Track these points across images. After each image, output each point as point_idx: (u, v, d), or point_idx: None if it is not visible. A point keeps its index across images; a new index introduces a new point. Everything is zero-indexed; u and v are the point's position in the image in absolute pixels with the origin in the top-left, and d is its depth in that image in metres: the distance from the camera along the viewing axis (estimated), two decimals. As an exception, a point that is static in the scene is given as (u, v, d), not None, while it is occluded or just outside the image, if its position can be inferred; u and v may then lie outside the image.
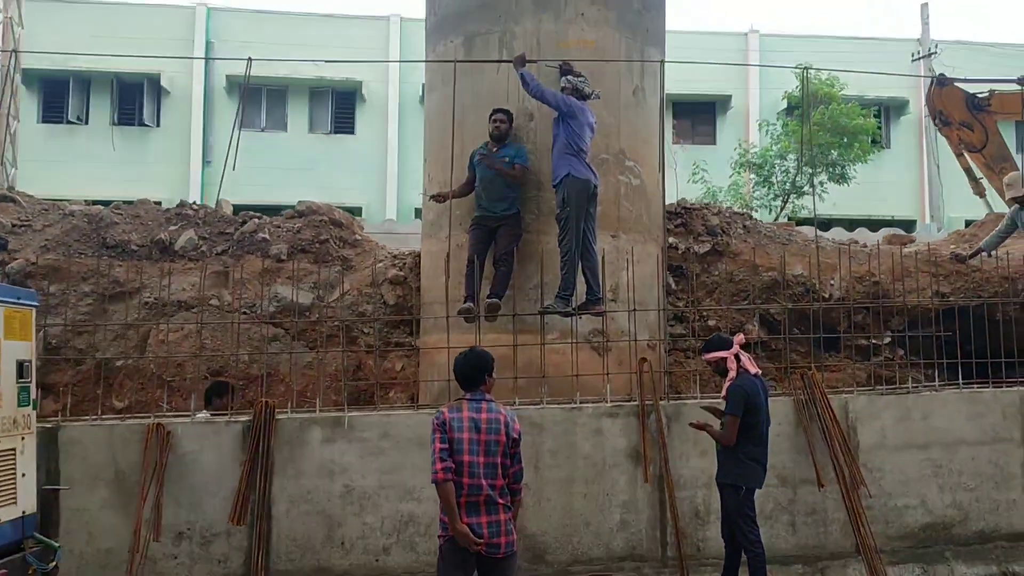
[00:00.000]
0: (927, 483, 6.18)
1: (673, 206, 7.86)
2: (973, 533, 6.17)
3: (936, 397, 6.30)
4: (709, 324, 7.48)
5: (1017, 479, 6.24)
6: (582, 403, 6.13)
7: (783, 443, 6.11)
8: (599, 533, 5.95)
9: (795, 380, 6.24)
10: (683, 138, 25.41)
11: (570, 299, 6.32)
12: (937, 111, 12.83)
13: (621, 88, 7.09)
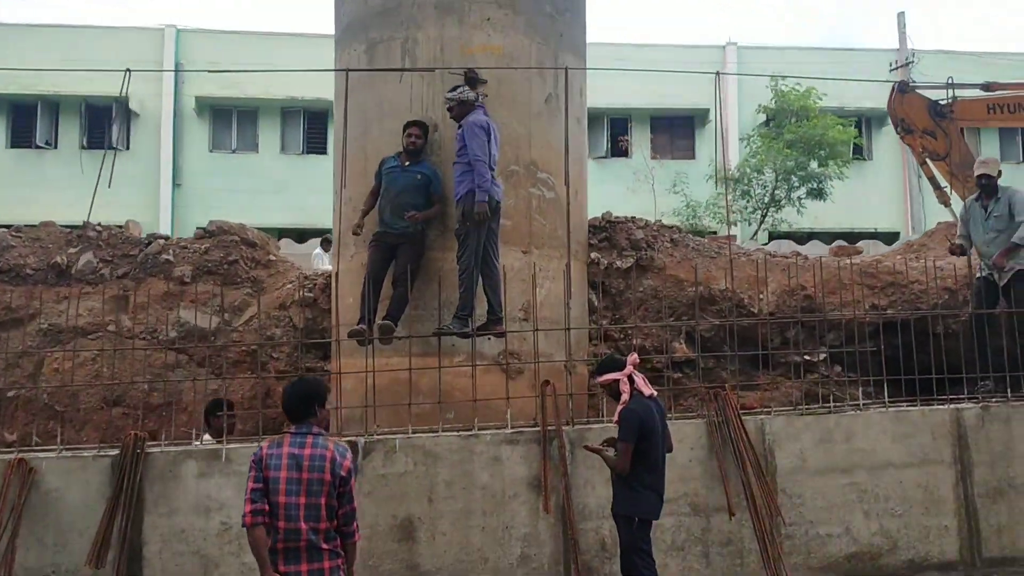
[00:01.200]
0: (851, 509, 5.78)
1: (597, 220, 7.51)
2: (902, 563, 5.76)
3: (860, 417, 5.92)
4: (633, 343, 7.11)
5: (948, 504, 5.84)
6: (481, 430, 5.76)
7: (696, 469, 5.73)
8: (498, 569, 5.56)
9: (708, 401, 5.86)
10: (661, 153, 25.14)
11: (467, 319, 5.97)
12: (899, 119, 12.48)
13: (532, 96, 6.77)
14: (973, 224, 7.08)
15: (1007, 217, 7.03)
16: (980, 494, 5.85)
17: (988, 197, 7.09)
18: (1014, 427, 5.94)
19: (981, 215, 7.05)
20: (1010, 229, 6.87)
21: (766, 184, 21.89)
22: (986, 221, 7.01)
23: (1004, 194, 7.11)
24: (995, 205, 7.05)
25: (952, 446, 5.89)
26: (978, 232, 7.02)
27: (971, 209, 7.16)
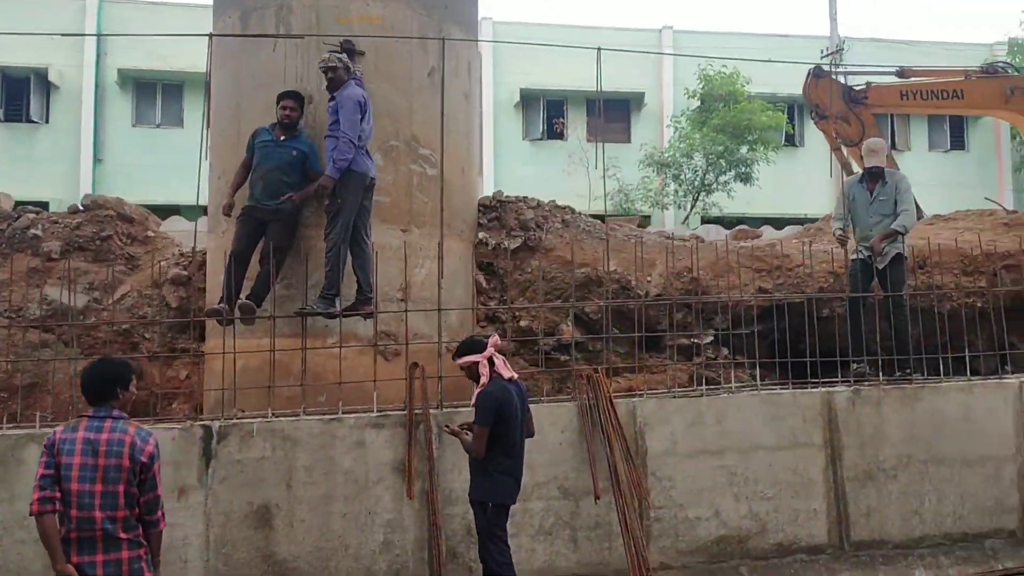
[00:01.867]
0: (721, 492, 5.74)
1: (488, 199, 7.35)
2: (771, 546, 5.74)
3: (731, 400, 5.87)
4: (521, 325, 6.99)
5: (818, 486, 5.83)
6: (347, 413, 5.58)
7: (566, 452, 5.63)
8: (359, 556, 5.40)
9: (580, 383, 5.76)
10: (597, 135, 25.03)
11: (334, 299, 5.77)
12: (814, 104, 12.54)
13: (414, 69, 6.55)
14: (857, 206, 7.05)
15: (892, 202, 7.04)
16: (850, 477, 5.86)
17: (874, 181, 7.08)
18: (885, 410, 5.95)
19: (866, 198, 7.03)
20: (895, 214, 6.90)
21: (696, 169, 21.99)
22: (871, 205, 7.00)
23: (891, 178, 7.11)
24: (881, 189, 7.04)
25: (823, 429, 5.89)
26: (862, 215, 7.00)
27: (854, 190, 7.13)
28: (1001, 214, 8.88)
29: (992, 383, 6.11)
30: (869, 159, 7.01)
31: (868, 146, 7.12)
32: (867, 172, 7.12)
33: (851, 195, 7.11)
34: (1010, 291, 7.05)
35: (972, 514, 5.91)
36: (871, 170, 7.06)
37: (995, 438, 5.99)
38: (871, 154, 7.03)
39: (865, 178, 7.15)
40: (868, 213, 6.97)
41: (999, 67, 13.07)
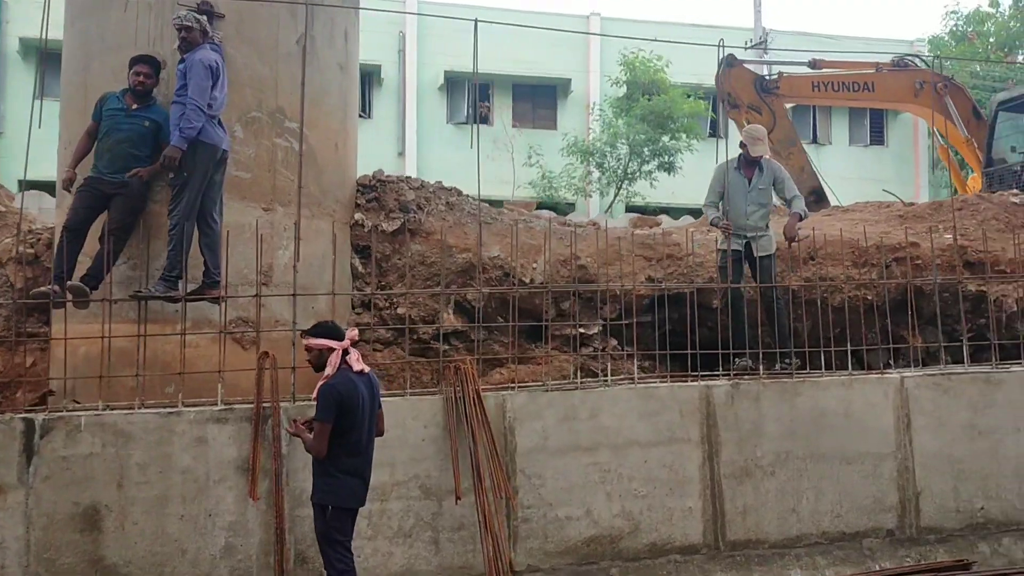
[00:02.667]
0: (593, 490, 5.46)
1: (367, 178, 6.92)
2: (644, 546, 5.50)
3: (606, 393, 5.60)
4: (399, 312, 6.60)
5: (694, 484, 5.60)
6: (189, 406, 5.13)
7: (429, 448, 5.28)
8: (198, 561, 4.96)
9: (448, 375, 5.41)
10: (522, 121, 24.72)
11: (176, 281, 5.29)
12: (726, 93, 12.42)
13: (281, 36, 6.07)
14: (733, 194, 6.83)
15: (770, 191, 6.86)
16: (727, 474, 5.65)
17: (750, 168, 6.88)
18: (764, 405, 5.75)
19: (743, 185, 6.83)
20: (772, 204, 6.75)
21: (620, 157, 21.84)
22: (748, 193, 6.80)
23: (768, 166, 6.93)
24: (759, 177, 6.85)
25: (700, 424, 5.66)
26: (738, 203, 6.78)
27: (729, 176, 6.90)
28: (898, 207, 8.83)
29: (873, 378, 5.97)
30: (754, 147, 6.78)
31: (751, 133, 6.89)
32: (744, 159, 6.89)
33: (726, 180, 6.87)
34: (899, 283, 6.93)
35: (850, 513, 5.76)
36: (750, 157, 6.84)
37: (875, 434, 5.85)
38: (755, 142, 6.81)
39: (741, 165, 6.92)
40: (746, 201, 6.76)
41: (909, 61, 13.15)
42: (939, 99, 13.00)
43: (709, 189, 7.05)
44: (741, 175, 6.85)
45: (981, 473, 5.93)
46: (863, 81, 12.78)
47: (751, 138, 6.79)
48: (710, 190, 7.02)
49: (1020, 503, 5.97)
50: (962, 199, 8.49)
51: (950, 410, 5.96)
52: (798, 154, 12.54)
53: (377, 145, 23.46)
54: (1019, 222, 8.07)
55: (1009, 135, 13.07)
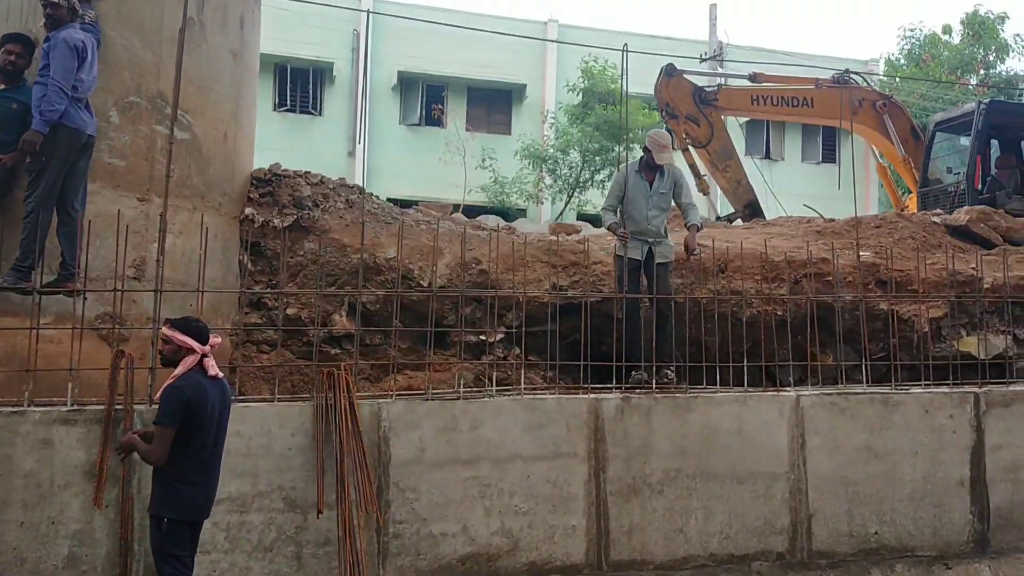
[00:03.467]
0: (471, 506, 5.22)
1: (263, 172, 6.62)
2: (523, 565, 5.26)
3: (489, 404, 5.36)
4: (288, 313, 6.31)
5: (579, 500, 5.38)
6: (38, 406, 4.80)
7: (296, 458, 4.99)
8: (38, 571, 4.64)
9: (322, 381, 5.14)
10: (477, 125, 24.50)
11: (29, 271, 4.96)
12: (664, 103, 12.30)
13: (166, 18, 5.76)
14: (634, 197, 6.64)
15: (671, 196, 6.69)
16: (613, 492, 5.44)
17: (652, 172, 6.71)
18: (655, 421, 5.56)
19: (644, 189, 6.64)
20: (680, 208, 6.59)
21: (572, 165, 21.71)
22: (650, 197, 6.62)
23: (669, 171, 6.76)
24: (660, 181, 6.67)
25: (588, 439, 5.44)
26: (639, 207, 6.60)
27: (631, 179, 6.72)
28: (818, 222, 8.73)
29: (768, 395, 5.80)
30: (659, 155, 6.59)
31: (656, 140, 6.71)
32: (646, 163, 6.70)
33: (627, 183, 6.68)
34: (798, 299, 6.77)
35: (740, 534, 5.58)
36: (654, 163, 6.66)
37: (768, 454, 5.68)
38: (661, 149, 6.61)
39: (643, 168, 6.74)
40: (647, 206, 6.57)
41: (849, 78, 13.12)
42: (878, 117, 13.03)
43: (609, 193, 6.85)
44: (643, 179, 6.67)
45: (876, 497, 5.79)
46: (802, 96, 12.72)
47: (656, 145, 6.60)
48: (610, 194, 6.83)
49: (915, 528, 5.84)
50: (880, 216, 8.41)
51: (846, 431, 5.81)
52: (735, 167, 12.46)
53: (327, 144, 23.11)
54: (936, 241, 8.01)
55: (945, 156, 13.12)
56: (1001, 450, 6.01)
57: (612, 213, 6.63)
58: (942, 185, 12.75)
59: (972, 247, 8.24)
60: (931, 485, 5.89)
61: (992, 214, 8.57)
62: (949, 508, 5.90)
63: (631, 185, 6.56)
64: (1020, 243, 8.37)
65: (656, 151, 6.54)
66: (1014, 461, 6.02)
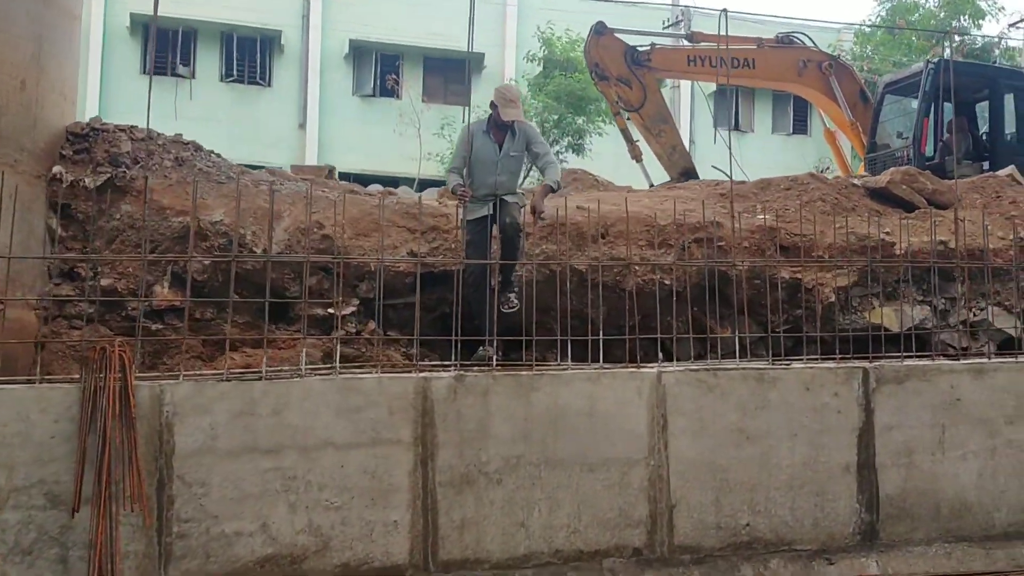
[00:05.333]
0: (273, 501, 4.58)
1: (80, 126, 5.93)
2: (334, 567, 4.63)
3: (296, 385, 4.71)
4: (103, 284, 5.64)
5: (402, 493, 4.75)
6: None
7: (60, 448, 4.35)
8: None
9: (92, 358, 4.48)
10: (434, 96, 23.70)
11: None
12: (593, 63, 11.60)
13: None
14: (482, 158, 5.99)
15: (523, 157, 6.05)
16: (443, 482, 4.80)
17: (502, 131, 6.05)
18: (493, 402, 4.91)
19: (493, 150, 5.99)
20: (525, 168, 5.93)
21: (530, 135, 20.95)
22: (499, 160, 5.97)
23: (521, 129, 6.10)
24: (511, 142, 6.02)
25: (414, 423, 4.80)
26: (487, 168, 5.95)
27: (478, 140, 6.07)
28: (726, 185, 8.06)
29: (625, 372, 5.15)
30: (505, 110, 5.93)
31: (504, 94, 6.05)
32: (494, 122, 6.05)
33: (473, 145, 6.03)
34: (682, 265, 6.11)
35: (591, 527, 4.96)
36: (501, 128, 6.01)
37: (625, 437, 5.04)
38: (507, 104, 5.96)
39: (491, 128, 6.09)
40: (496, 170, 5.93)
41: (794, 39, 12.41)
42: (824, 79, 12.32)
43: (454, 154, 6.18)
44: (491, 139, 6.01)
45: (748, 484, 5.17)
46: (743, 57, 12.00)
47: (503, 99, 5.94)
48: (454, 155, 6.17)
49: (793, 519, 5.22)
50: (791, 178, 7.74)
51: (715, 411, 5.17)
52: (670, 132, 11.77)
53: (277, 116, 22.29)
54: (851, 205, 7.35)
55: (895, 119, 12.44)
56: (893, 431, 5.38)
57: (457, 175, 5.98)
58: (890, 150, 12.09)
59: (893, 210, 7.59)
60: (812, 471, 5.26)
61: (917, 175, 7.90)
62: (833, 496, 5.27)
63: (478, 146, 5.92)
64: (946, 206, 7.71)
65: (502, 105, 5.88)
66: (907, 444, 5.39)
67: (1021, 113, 11.86)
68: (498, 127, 6.00)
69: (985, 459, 5.50)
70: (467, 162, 5.90)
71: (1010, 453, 5.54)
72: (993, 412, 5.53)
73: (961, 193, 7.84)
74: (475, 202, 5.84)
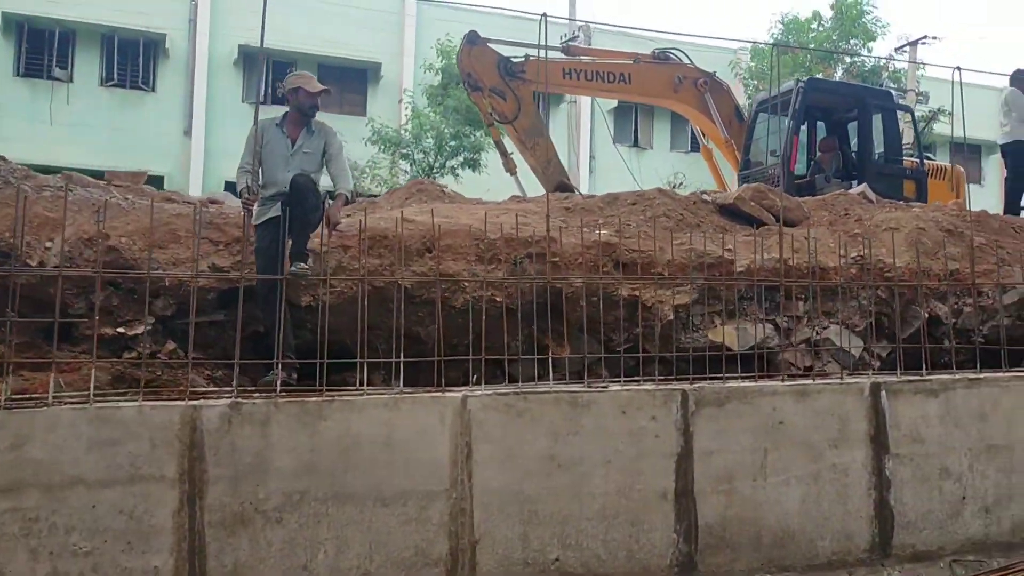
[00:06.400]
0: (10, 547, 4.03)
1: None
2: (80, 620, 4.11)
3: (39, 416, 4.18)
4: None
5: (165, 535, 4.25)
6: None
7: None
8: None
9: None
10: (328, 106, 23.04)
11: None
12: (466, 73, 11.32)
13: None
14: (272, 155, 5.63)
15: (320, 157, 5.71)
16: (214, 522, 4.34)
17: (297, 127, 5.70)
18: (275, 431, 4.48)
19: (285, 147, 5.64)
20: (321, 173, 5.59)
21: (427, 150, 20.59)
22: (291, 156, 5.61)
23: (320, 129, 5.78)
24: (307, 139, 5.68)
25: (180, 457, 4.32)
26: (278, 167, 5.59)
27: (269, 134, 5.71)
28: (576, 199, 7.85)
29: (426, 398, 4.79)
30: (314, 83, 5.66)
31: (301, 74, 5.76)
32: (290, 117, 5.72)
33: (264, 140, 5.65)
34: (509, 282, 5.82)
35: (384, 568, 4.56)
36: (308, 111, 5.67)
37: (424, 468, 4.67)
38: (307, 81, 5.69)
39: (287, 123, 5.75)
40: (287, 166, 5.57)
41: (671, 55, 12.38)
42: (699, 96, 12.34)
43: (245, 149, 5.77)
44: (283, 135, 5.64)
45: (559, 516, 4.86)
46: (619, 72, 11.93)
47: (302, 78, 5.70)
48: (244, 152, 5.75)
49: (606, 552, 4.92)
50: (638, 193, 7.56)
51: (524, 438, 4.85)
52: (545, 146, 11.55)
53: (161, 122, 21.36)
54: (696, 220, 7.19)
55: (768, 136, 12.53)
56: (713, 456, 5.16)
57: (247, 175, 5.57)
58: (762, 168, 12.16)
59: (742, 227, 7.48)
60: (627, 500, 4.98)
61: (767, 192, 7.83)
62: (649, 527, 5.01)
63: (268, 141, 5.53)
64: (796, 224, 7.65)
65: (306, 82, 5.61)
66: (728, 469, 5.18)
67: (889, 133, 12.11)
68: (295, 123, 5.66)
69: (809, 484, 5.33)
70: (259, 159, 5.49)
71: (834, 478, 5.38)
72: (817, 435, 5.38)
73: (810, 210, 7.80)
74: (265, 203, 5.44)
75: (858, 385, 5.48)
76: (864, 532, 5.40)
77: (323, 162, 5.72)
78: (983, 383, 5.73)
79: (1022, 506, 5.73)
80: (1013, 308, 7.07)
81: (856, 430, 5.43)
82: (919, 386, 5.58)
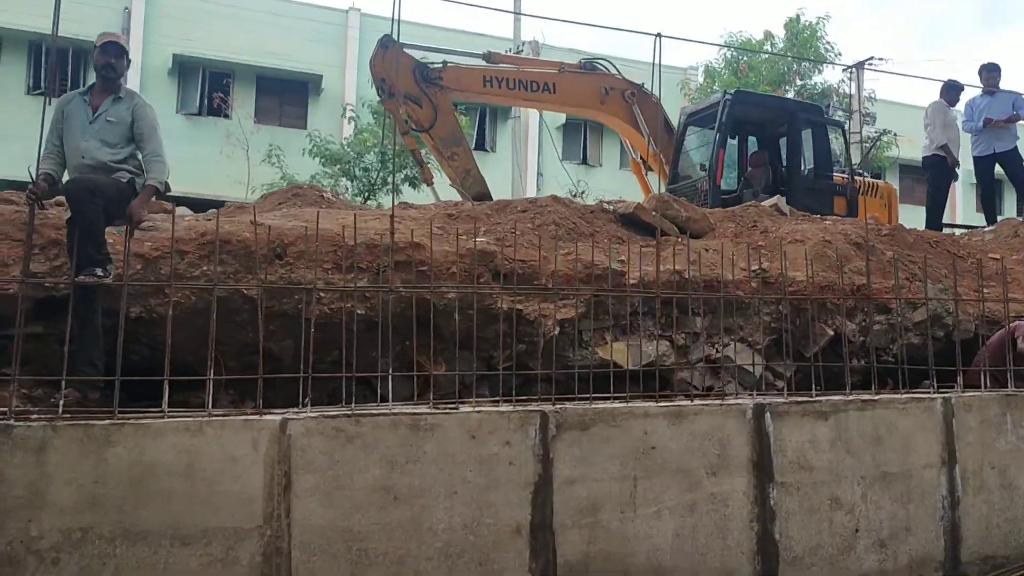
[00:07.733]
0: None
1: None
2: None
3: None
4: None
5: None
6: None
7: None
8: None
9: None
10: (267, 118, 22.55)
11: None
12: (379, 79, 10.83)
13: None
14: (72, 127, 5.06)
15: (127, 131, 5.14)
16: None
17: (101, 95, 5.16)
18: (52, 458, 3.86)
19: (86, 116, 5.07)
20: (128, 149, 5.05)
21: (368, 167, 20.03)
22: (91, 124, 5.05)
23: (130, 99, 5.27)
24: (112, 107, 5.14)
25: None
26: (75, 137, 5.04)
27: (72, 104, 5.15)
28: (465, 205, 7.35)
29: (237, 422, 4.19)
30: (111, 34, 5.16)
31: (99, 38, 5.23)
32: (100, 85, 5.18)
33: (66, 115, 5.09)
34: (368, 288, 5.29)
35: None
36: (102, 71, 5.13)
37: (233, 502, 4.09)
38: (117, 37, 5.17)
39: (95, 92, 5.21)
40: (82, 136, 5.01)
41: (597, 65, 12.00)
42: (627, 108, 11.95)
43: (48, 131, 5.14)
44: (85, 103, 5.08)
45: (394, 555, 4.30)
46: (543, 81, 11.50)
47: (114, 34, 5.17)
48: (49, 131, 5.13)
49: (448, 594, 4.37)
50: (530, 200, 7.09)
51: (356, 467, 4.29)
52: (464, 155, 11.09)
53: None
54: (590, 230, 6.72)
55: (697, 149, 12.18)
56: (576, 486, 4.64)
57: (47, 160, 5.01)
58: (691, 181, 11.79)
59: (643, 238, 7.03)
60: (475, 536, 4.43)
61: (672, 202, 7.39)
62: (500, 566, 4.46)
63: (69, 114, 4.99)
64: (701, 235, 7.21)
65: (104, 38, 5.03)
66: (593, 500, 4.66)
67: (819, 148, 11.83)
68: (100, 91, 5.11)
69: (683, 516, 4.82)
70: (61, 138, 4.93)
71: (712, 509, 4.88)
72: (694, 462, 4.88)
73: (716, 221, 7.37)
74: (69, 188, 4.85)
75: (740, 407, 5.00)
76: (745, 568, 4.90)
77: (131, 136, 5.11)
78: (878, 405, 5.28)
79: (921, 540, 5.28)
80: (923, 325, 6.68)
81: (737, 456, 4.94)
82: (807, 408, 5.12)
